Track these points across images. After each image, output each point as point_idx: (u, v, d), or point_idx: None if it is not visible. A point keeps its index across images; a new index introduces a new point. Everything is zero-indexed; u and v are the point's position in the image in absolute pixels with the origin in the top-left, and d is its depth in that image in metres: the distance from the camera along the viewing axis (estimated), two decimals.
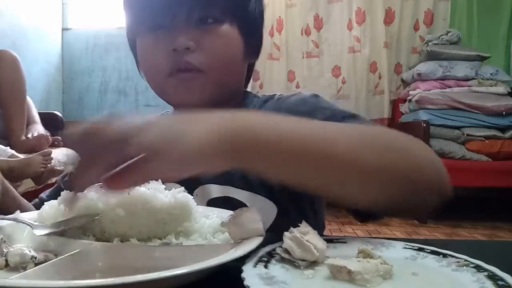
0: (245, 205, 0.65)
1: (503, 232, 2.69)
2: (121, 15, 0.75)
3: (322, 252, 0.39)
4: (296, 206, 0.70)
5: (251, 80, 3.50)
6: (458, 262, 0.38)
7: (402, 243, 0.43)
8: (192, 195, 0.66)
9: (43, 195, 0.77)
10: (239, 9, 0.68)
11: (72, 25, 3.79)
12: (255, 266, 0.36)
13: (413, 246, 0.42)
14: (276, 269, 0.37)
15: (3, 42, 2.83)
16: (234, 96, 0.74)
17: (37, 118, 2.30)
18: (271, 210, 0.66)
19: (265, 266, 0.37)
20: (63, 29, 3.76)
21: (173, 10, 0.64)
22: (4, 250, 0.40)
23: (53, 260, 0.38)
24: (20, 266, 0.38)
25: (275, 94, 0.77)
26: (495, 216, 2.90)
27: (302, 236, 0.39)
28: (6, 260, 0.39)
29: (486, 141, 2.80)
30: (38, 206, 0.74)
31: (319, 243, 0.39)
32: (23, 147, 2.06)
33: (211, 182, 0.67)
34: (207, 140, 0.38)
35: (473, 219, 2.92)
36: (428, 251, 0.41)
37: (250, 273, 0.35)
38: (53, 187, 0.79)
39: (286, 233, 0.40)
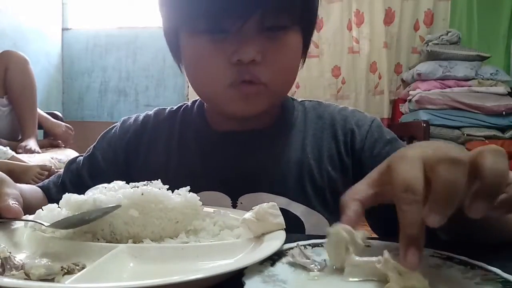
0: (300, 219, 0.64)
1: None
2: (156, 11, 0.65)
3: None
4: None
5: None
6: (485, 275, 0.36)
7: (430, 251, 0.41)
8: (235, 203, 0.65)
9: (50, 184, 0.74)
10: (308, 12, 0.64)
11: (72, 25, 3.79)
12: (261, 263, 0.37)
13: (442, 255, 0.40)
14: (282, 268, 0.37)
15: (3, 42, 2.83)
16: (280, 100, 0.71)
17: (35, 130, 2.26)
18: (323, 224, 0.65)
19: (272, 265, 0.37)
20: (63, 29, 3.76)
21: (245, 14, 0.56)
22: (17, 262, 0.37)
23: (89, 266, 0.37)
24: (45, 278, 0.35)
25: (322, 102, 0.75)
26: None
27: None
28: (25, 273, 0.35)
29: (486, 141, 2.80)
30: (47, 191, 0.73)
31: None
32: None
33: (263, 190, 0.64)
34: None
35: None
36: (456, 261, 0.39)
37: (252, 270, 0.35)
38: (57, 176, 0.76)
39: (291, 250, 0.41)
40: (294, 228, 0.62)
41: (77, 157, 0.78)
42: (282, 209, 0.62)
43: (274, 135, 0.69)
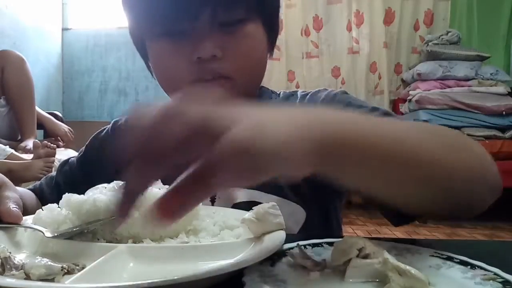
0: None
1: (503, 232, 2.68)
2: (122, 15, 0.66)
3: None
4: (322, 209, 0.69)
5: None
6: (485, 275, 0.36)
7: (431, 250, 0.41)
8: (214, 198, 0.64)
9: (44, 186, 0.74)
10: (263, 3, 0.63)
11: (72, 25, 3.79)
12: (261, 263, 0.37)
13: (442, 255, 0.40)
14: (282, 268, 0.37)
15: (3, 42, 2.83)
16: (252, 93, 0.70)
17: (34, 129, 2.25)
18: (300, 215, 0.64)
19: (272, 265, 0.37)
20: (63, 29, 3.76)
21: (194, 13, 0.57)
22: (17, 262, 0.37)
23: (89, 266, 0.37)
24: (45, 278, 0.35)
25: (296, 91, 0.74)
26: (495, 216, 2.90)
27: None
28: (25, 273, 0.35)
29: (486, 141, 2.80)
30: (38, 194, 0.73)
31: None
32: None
33: None
34: (295, 137, 0.30)
35: (473, 219, 2.92)
36: (456, 261, 0.39)
37: (252, 270, 0.35)
38: (50, 178, 0.76)
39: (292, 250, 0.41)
40: None
41: (69, 158, 0.78)
42: (255, 202, 0.63)
43: None
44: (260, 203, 0.62)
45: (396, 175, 0.38)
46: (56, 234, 0.43)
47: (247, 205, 0.60)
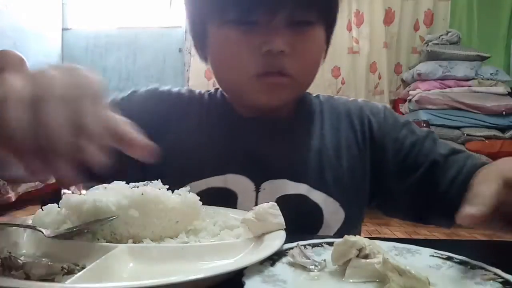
0: (319, 207, 0.65)
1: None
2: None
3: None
4: (359, 210, 0.72)
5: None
6: (485, 275, 0.36)
7: (431, 251, 0.42)
8: (258, 189, 0.66)
9: None
10: (331, 10, 0.66)
11: (72, 25, 3.79)
12: (261, 263, 0.37)
13: (442, 255, 0.41)
14: (282, 268, 0.37)
15: (3, 42, 2.83)
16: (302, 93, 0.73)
17: None
18: (340, 215, 0.66)
19: (272, 265, 0.37)
20: (63, 29, 3.76)
21: (275, 6, 0.58)
22: (16, 263, 0.36)
23: (89, 266, 0.36)
24: (45, 278, 0.35)
25: (328, 95, 0.77)
26: None
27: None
28: (25, 273, 0.35)
29: (486, 141, 2.80)
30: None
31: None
32: None
33: (285, 177, 0.66)
34: None
35: None
36: (456, 261, 0.39)
37: (252, 270, 0.35)
38: None
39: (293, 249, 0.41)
40: (313, 215, 0.64)
41: None
42: (302, 196, 0.64)
43: (295, 124, 0.71)
44: (307, 197, 0.64)
45: None
46: (56, 234, 0.43)
47: (294, 199, 0.60)
